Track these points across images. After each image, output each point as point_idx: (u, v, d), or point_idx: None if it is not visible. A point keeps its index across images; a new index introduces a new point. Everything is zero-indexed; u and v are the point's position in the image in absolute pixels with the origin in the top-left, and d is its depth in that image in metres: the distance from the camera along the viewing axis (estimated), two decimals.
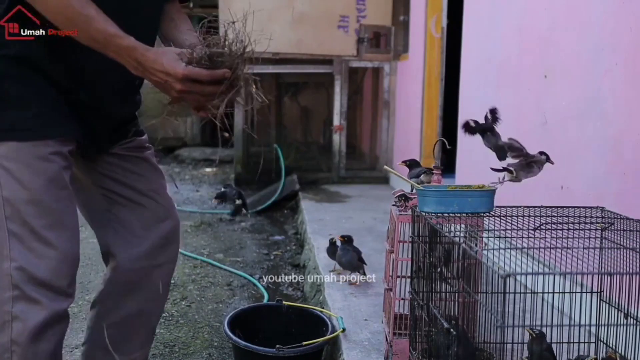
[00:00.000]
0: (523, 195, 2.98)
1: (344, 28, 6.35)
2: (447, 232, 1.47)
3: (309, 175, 6.46)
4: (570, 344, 1.52)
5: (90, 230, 1.85)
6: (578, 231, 1.47)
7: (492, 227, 1.57)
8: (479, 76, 3.84)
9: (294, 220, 5.29)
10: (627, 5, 2.27)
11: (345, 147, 6.65)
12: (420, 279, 1.65)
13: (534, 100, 3.02)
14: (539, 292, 1.32)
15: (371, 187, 6.20)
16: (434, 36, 5.07)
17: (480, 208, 1.57)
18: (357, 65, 6.55)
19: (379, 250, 3.27)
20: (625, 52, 2.26)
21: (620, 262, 1.51)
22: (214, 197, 5.71)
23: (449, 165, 4.14)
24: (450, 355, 1.40)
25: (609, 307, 1.58)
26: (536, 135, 2.98)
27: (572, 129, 2.65)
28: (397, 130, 6.43)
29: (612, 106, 2.34)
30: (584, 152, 2.54)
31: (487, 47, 3.70)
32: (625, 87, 2.26)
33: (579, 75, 2.61)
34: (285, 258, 4.24)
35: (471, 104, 3.99)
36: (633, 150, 2.20)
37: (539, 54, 2.98)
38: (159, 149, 10.00)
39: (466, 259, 1.40)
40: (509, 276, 1.12)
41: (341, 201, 5.48)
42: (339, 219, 4.58)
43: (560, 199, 2.64)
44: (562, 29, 2.77)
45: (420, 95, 5.35)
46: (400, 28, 6.32)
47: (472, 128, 1.67)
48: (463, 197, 1.55)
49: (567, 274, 1.25)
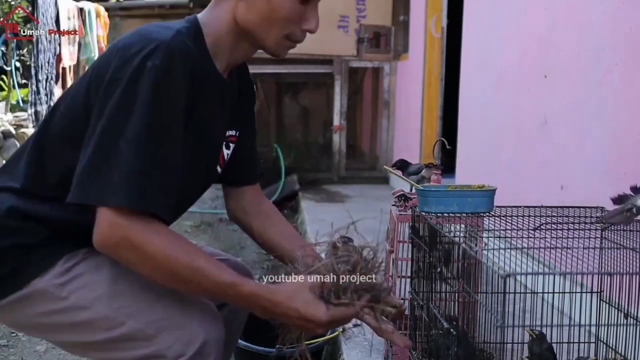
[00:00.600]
0: (523, 195, 2.98)
1: (344, 28, 6.35)
2: (447, 232, 1.47)
3: (309, 175, 6.45)
4: (570, 344, 1.52)
5: None
6: (578, 231, 1.47)
7: (492, 227, 1.57)
8: (479, 76, 3.84)
9: (294, 220, 5.29)
10: (627, 5, 2.27)
11: (345, 147, 6.64)
12: (420, 279, 1.64)
13: (534, 100, 3.02)
14: (539, 292, 1.32)
15: (371, 187, 6.20)
16: (434, 36, 5.07)
17: (480, 208, 1.56)
18: (357, 65, 6.55)
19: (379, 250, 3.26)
20: (625, 52, 2.26)
21: (620, 262, 1.51)
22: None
23: (449, 165, 4.14)
24: (450, 356, 1.39)
25: (609, 307, 1.58)
26: (536, 135, 2.98)
27: (572, 129, 2.65)
28: (397, 130, 6.43)
29: (612, 106, 2.34)
30: (584, 152, 2.53)
31: (487, 47, 3.70)
32: (625, 87, 2.26)
33: (579, 75, 2.61)
34: None
35: (471, 104, 3.99)
36: (633, 150, 2.20)
37: (539, 54, 2.98)
38: None
39: (466, 259, 1.40)
40: (509, 276, 1.11)
41: (341, 201, 5.48)
42: (339, 219, 4.57)
43: (560, 199, 2.64)
44: (562, 29, 2.77)
45: (420, 95, 5.35)
46: (400, 28, 6.32)
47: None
48: (463, 197, 1.55)
49: (567, 274, 1.25)
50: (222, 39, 1.31)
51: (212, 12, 1.33)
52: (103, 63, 1.22)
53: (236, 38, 1.31)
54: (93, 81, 1.22)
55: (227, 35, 1.31)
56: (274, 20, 1.27)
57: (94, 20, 6.98)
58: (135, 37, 1.21)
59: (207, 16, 1.33)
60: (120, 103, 1.13)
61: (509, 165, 3.30)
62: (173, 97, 1.17)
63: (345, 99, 6.50)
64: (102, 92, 1.17)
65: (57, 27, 6.27)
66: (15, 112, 7.74)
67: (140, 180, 1.12)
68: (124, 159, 1.11)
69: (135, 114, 1.12)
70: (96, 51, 7.00)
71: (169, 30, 1.21)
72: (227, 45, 1.32)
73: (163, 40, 1.17)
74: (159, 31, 1.20)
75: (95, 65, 1.26)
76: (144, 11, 10.09)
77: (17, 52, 7.42)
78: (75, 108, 1.25)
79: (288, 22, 1.29)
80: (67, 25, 6.47)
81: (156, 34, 1.19)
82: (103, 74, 1.19)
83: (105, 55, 1.26)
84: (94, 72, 1.24)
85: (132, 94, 1.13)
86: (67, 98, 1.30)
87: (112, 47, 1.25)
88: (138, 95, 1.13)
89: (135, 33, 1.24)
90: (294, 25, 1.30)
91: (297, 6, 1.28)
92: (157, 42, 1.16)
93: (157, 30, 1.21)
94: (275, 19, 1.27)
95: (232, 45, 1.32)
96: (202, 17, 1.33)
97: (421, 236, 1.62)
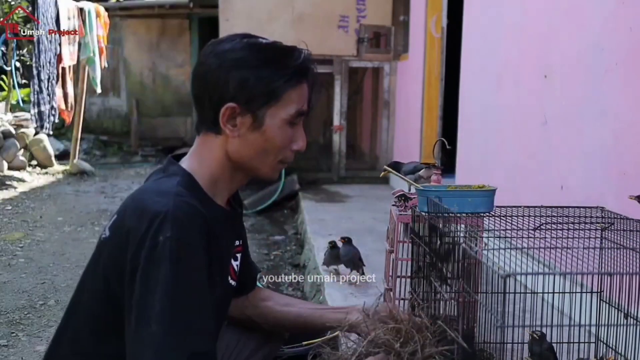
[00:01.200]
0: (523, 195, 2.98)
1: (344, 28, 6.35)
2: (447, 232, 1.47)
3: (309, 175, 6.45)
4: (570, 344, 1.52)
5: (90, 230, 1.85)
6: (578, 231, 1.47)
7: (492, 227, 1.57)
8: (479, 76, 3.84)
9: (294, 220, 5.29)
10: (627, 5, 2.27)
11: (345, 147, 6.64)
12: (420, 279, 1.64)
13: (534, 100, 3.02)
14: (539, 292, 1.32)
15: (371, 187, 6.20)
16: (434, 36, 5.07)
17: (480, 208, 1.56)
18: (357, 65, 6.55)
19: (379, 250, 3.27)
20: (625, 52, 2.26)
21: (620, 262, 1.51)
22: None
23: (449, 165, 4.14)
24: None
25: (609, 307, 1.58)
26: (536, 135, 2.98)
27: (572, 129, 2.65)
28: (397, 130, 6.43)
29: (612, 106, 2.34)
30: (584, 152, 2.53)
31: (487, 47, 3.70)
32: (625, 87, 2.26)
33: (579, 75, 2.61)
34: (285, 258, 4.24)
35: (471, 104, 3.99)
36: (633, 150, 2.20)
37: (539, 54, 2.98)
38: (159, 149, 10.01)
39: (466, 259, 1.40)
40: (509, 276, 1.11)
41: (341, 201, 5.48)
42: (339, 219, 4.58)
43: (560, 199, 2.64)
44: (562, 29, 2.77)
45: (420, 95, 5.35)
46: (400, 28, 6.32)
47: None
48: (463, 197, 1.55)
49: (567, 274, 1.25)
50: (218, 179, 1.31)
51: (199, 156, 1.31)
52: (116, 251, 1.20)
53: (231, 172, 1.32)
54: (111, 273, 1.21)
55: (222, 173, 1.31)
56: (269, 150, 1.30)
57: (93, 20, 6.98)
58: (135, 217, 1.18)
59: (195, 162, 1.30)
60: (145, 287, 1.13)
61: (509, 165, 3.30)
62: (191, 259, 1.17)
63: (345, 99, 6.50)
64: (128, 283, 1.16)
65: (57, 27, 6.27)
66: (15, 112, 7.75)
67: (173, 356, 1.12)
68: (156, 341, 1.12)
69: (158, 293, 1.12)
70: (96, 51, 7.00)
71: (166, 196, 1.18)
72: (224, 182, 1.33)
73: (166, 210, 1.15)
74: (157, 200, 1.18)
75: (108, 252, 1.23)
76: (144, 11, 10.09)
77: (17, 52, 7.42)
78: (95, 304, 1.24)
79: (282, 148, 1.31)
80: (67, 25, 6.47)
81: (155, 204, 1.17)
82: (121, 264, 1.17)
83: (114, 242, 1.22)
84: (108, 262, 1.22)
85: (154, 273, 1.13)
86: (83, 294, 1.29)
87: (118, 230, 1.22)
88: (159, 272, 1.13)
89: (133, 211, 1.20)
90: (286, 149, 1.33)
91: (289, 131, 1.30)
92: (161, 214, 1.15)
93: (154, 200, 1.18)
94: (270, 148, 1.29)
95: (229, 180, 1.33)
96: (190, 165, 1.30)
97: (421, 236, 1.62)
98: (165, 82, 10.55)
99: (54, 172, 7.32)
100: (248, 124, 1.26)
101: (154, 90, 10.58)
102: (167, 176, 1.28)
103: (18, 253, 4.13)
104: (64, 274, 3.73)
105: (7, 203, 5.58)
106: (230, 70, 1.23)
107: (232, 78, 1.23)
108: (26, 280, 3.61)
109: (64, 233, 4.62)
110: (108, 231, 1.25)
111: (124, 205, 1.25)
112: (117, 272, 1.18)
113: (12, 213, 5.23)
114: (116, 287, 1.19)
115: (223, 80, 1.23)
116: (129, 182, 7.25)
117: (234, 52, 1.24)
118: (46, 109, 6.29)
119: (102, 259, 1.24)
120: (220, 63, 1.24)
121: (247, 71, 1.23)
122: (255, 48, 1.26)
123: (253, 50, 1.25)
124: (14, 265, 3.86)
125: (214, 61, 1.24)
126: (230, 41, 1.26)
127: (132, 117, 10.20)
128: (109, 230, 1.24)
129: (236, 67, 1.23)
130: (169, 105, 10.56)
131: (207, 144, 1.30)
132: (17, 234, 4.60)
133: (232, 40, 1.27)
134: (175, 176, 1.26)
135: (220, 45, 1.27)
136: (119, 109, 10.61)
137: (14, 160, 6.96)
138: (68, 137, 8.77)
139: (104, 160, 9.17)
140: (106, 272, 1.22)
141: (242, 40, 1.27)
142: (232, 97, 1.24)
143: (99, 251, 1.27)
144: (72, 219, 5.06)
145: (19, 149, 7.07)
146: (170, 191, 1.20)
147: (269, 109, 1.26)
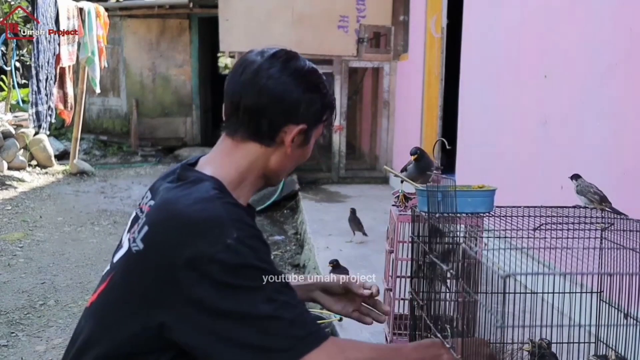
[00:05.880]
0: (523, 195, 2.98)
1: (344, 28, 6.35)
2: (447, 232, 1.47)
3: (308, 175, 6.46)
4: (570, 344, 1.52)
5: (90, 229, 1.84)
6: (578, 231, 1.47)
7: (492, 227, 1.57)
8: (479, 76, 3.84)
9: (294, 220, 5.29)
10: (627, 5, 2.27)
11: (345, 147, 6.64)
12: (420, 279, 1.64)
13: (534, 100, 3.02)
14: (539, 292, 1.32)
15: (371, 187, 6.20)
16: (434, 36, 5.07)
17: (480, 208, 1.56)
18: (357, 65, 6.55)
19: (379, 250, 3.27)
20: (625, 52, 2.26)
21: (620, 262, 1.51)
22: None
23: (449, 165, 4.14)
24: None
25: (609, 307, 1.58)
26: (536, 135, 2.98)
27: (572, 129, 2.65)
28: (397, 130, 6.43)
29: (612, 106, 2.34)
30: (583, 152, 2.53)
31: (487, 47, 3.70)
32: (625, 86, 2.26)
33: (579, 75, 2.61)
34: (285, 258, 4.24)
35: (471, 104, 3.99)
36: (633, 150, 2.20)
37: (539, 54, 2.98)
38: (159, 149, 10.01)
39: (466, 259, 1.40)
40: (509, 276, 1.11)
41: (341, 201, 5.48)
42: (339, 219, 4.58)
43: (560, 199, 2.64)
44: (562, 29, 2.77)
45: (420, 95, 5.35)
46: (400, 28, 6.32)
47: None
48: (463, 197, 1.55)
49: (567, 274, 1.25)
50: (246, 184, 1.32)
51: (231, 161, 1.30)
52: (153, 263, 1.15)
53: (257, 179, 1.34)
54: (151, 284, 1.15)
55: (252, 179, 1.32)
56: (299, 163, 1.38)
57: (93, 20, 6.97)
58: (177, 229, 1.15)
59: (225, 166, 1.30)
60: (236, 290, 1.11)
61: (509, 165, 3.30)
62: (265, 248, 1.18)
63: (345, 99, 6.50)
64: (184, 293, 1.11)
65: (57, 27, 6.26)
66: (15, 112, 7.75)
67: (304, 319, 1.14)
68: (276, 323, 1.11)
69: (264, 289, 1.12)
70: (95, 51, 7.00)
71: (210, 202, 1.17)
72: (249, 187, 1.34)
73: (220, 214, 1.15)
74: (202, 207, 1.16)
75: (144, 266, 1.17)
76: (144, 11, 10.09)
77: (17, 52, 7.41)
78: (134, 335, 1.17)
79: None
80: (66, 25, 6.46)
81: (202, 212, 1.16)
82: (164, 276, 1.13)
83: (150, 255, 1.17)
84: (145, 273, 1.16)
85: (241, 273, 1.12)
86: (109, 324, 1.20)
87: (156, 245, 1.17)
88: (247, 271, 1.12)
89: (174, 223, 1.16)
90: None
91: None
92: (217, 219, 1.14)
93: (196, 208, 1.16)
94: (300, 162, 1.37)
95: (253, 185, 1.35)
96: (218, 169, 1.28)
97: (421, 236, 1.62)
98: (165, 82, 10.55)
99: (54, 172, 7.32)
100: (299, 142, 1.30)
101: (153, 90, 10.57)
102: (191, 183, 1.24)
103: (18, 253, 4.13)
104: (63, 274, 3.74)
105: (7, 203, 5.58)
106: (305, 92, 1.28)
107: (304, 100, 1.28)
108: (26, 280, 3.61)
109: (64, 233, 4.62)
110: (141, 243, 1.19)
111: (154, 217, 1.21)
112: (159, 283, 1.14)
113: (12, 213, 5.23)
114: (156, 297, 1.14)
115: (296, 100, 1.27)
116: (129, 182, 7.25)
117: (306, 74, 1.29)
118: (44, 109, 6.28)
119: (137, 270, 1.19)
120: (297, 83, 1.27)
121: (317, 95, 1.29)
122: (317, 72, 1.33)
123: (318, 74, 1.32)
124: (13, 265, 3.87)
125: (289, 80, 1.27)
126: (296, 59, 1.30)
127: (132, 117, 10.20)
128: (142, 242, 1.19)
129: (309, 90, 1.28)
130: (168, 105, 10.56)
131: (244, 150, 1.30)
132: (17, 234, 4.60)
133: (297, 59, 1.31)
134: (202, 182, 1.24)
135: (291, 62, 1.29)
136: (119, 109, 10.61)
137: (14, 160, 6.96)
138: (68, 137, 8.77)
139: (103, 160, 9.18)
140: (143, 283, 1.16)
141: (305, 60, 1.31)
142: (303, 118, 1.28)
143: (127, 263, 1.21)
144: (72, 219, 5.06)
145: (19, 149, 7.07)
146: (211, 196, 1.20)
147: (315, 130, 1.32)
